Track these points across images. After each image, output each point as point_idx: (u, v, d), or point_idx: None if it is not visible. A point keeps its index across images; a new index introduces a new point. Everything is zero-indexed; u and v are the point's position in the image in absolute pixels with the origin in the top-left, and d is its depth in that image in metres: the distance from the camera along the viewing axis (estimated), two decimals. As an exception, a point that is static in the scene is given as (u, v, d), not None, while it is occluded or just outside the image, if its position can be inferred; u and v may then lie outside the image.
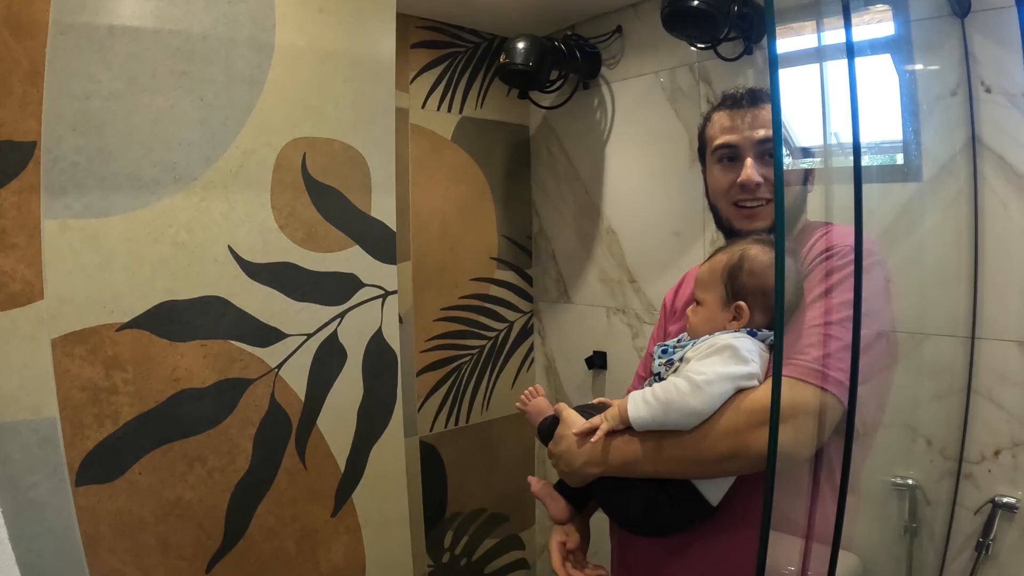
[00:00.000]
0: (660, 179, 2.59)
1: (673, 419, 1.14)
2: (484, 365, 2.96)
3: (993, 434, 1.86)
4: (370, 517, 1.86)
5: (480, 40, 2.89)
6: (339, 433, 1.80)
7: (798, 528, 1.11)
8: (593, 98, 2.80)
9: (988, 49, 1.84)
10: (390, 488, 1.91)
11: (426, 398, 2.74)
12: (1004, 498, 1.82)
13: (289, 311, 1.70)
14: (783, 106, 0.95)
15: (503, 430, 3.01)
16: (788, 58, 2.05)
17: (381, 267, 1.87)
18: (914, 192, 1.93)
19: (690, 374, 1.13)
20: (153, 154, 1.47)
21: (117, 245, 1.44)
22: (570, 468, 1.27)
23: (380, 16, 1.84)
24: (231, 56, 1.57)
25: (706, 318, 1.25)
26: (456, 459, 2.84)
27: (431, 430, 2.76)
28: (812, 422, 1.10)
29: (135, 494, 1.47)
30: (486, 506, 2.96)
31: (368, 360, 1.85)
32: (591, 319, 2.90)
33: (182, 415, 1.54)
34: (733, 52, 2.21)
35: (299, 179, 1.71)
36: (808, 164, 1.54)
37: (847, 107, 1.00)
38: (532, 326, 3.15)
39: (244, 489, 1.63)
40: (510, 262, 3.04)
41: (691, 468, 1.17)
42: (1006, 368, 1.83)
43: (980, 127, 1.85)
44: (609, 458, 1.22)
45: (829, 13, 1.07)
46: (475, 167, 2.89)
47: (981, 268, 1.87)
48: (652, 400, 1.15)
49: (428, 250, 2.72)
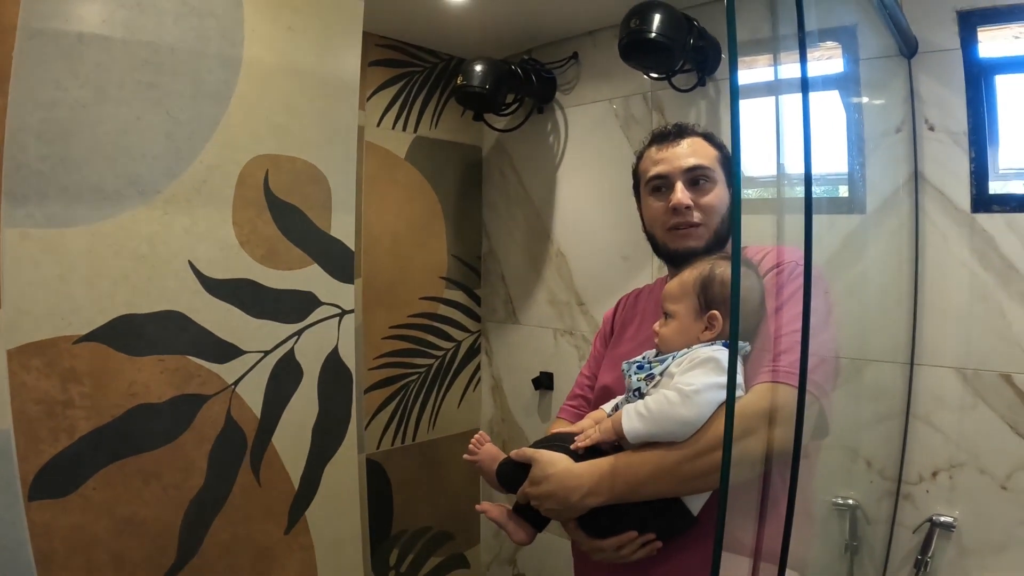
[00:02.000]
0: (610, 204, 2.64)
1: (667, 429, 1.17)
2: (432, 384, 2.96)
3: (931, 456, 1.93)
4: (323, 535, 1.85)
5: (438, 60, 2.92)
6: (294, 450, 1.79)
7: (747, 548, 1.12)
8: (547, 122, 2.84)
9: (933, 89, 1.93)
10: (343, 506, 1.90)
11: (373, 415, 2.74)
12: (942, 517, 1.89)
13: (247, 328, 1.69)
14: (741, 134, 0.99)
15: (450, 449, 3.01)
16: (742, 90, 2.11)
17: (339, 286, 1.87)
18: (858, 223, 2.01)
19: (679, 385, 1.16)
20: (117, 166, 1.45)
21: (78, 257, 1.41)
22: (567, 504, 1.25)
23: (347, 37, 1.85)
24: (199, 70, 1.56)
25: (678, 329, 1.28)
26: (402, 477, 2.84)
27: (378, 447, 2.75)
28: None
29: (89, 510, 1.44)
30: (432, 524, 2.96)
31: (324, 378, 1.84)
32: (538, 340, 2.93)
33: (138, 430, 1.51)
34: (687, 83, 2.27)
35: (261, 196, 1.71)
36: (752, 195, 1.61)
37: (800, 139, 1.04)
38: (480, 346, 3.17)
39: (198, 506, 1.61)
40: (459, 282, 3.07)
41: (695, 484, 1.19)
42: (943, 393, 1.91)
43: (923, 163, 1.94)
44: (613, 486, 1.22)
45: (785, 48, 1.11)
46: (427, 186, 2.91)
47: (921, 297, 1.95)
48: (645, 412, 1.18)
49: (378, 268, 2.73)
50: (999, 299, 1.85)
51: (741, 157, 1.00)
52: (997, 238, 1.85)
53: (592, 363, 1.69)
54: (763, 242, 1.45)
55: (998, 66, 1.90)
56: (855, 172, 2.03)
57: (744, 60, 1.92)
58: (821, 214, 2.04)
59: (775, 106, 1.17)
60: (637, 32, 2.04)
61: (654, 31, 2.01)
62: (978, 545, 1.87)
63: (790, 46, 1.07)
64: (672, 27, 2.03)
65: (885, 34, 1.85)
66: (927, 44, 1.94)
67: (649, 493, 1.21)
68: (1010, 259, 1.83)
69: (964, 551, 1.88)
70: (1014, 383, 1.82)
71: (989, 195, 1.88)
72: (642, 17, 2.03)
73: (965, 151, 1.89)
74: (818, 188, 2.10)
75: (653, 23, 2.02)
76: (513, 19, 2.59)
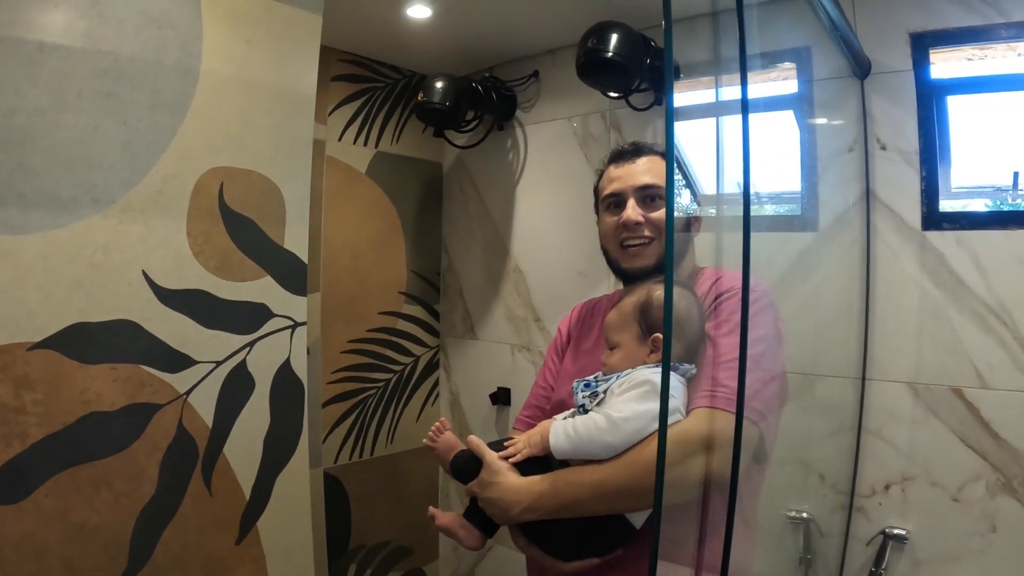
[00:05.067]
0: (568, 221, 2.67)
1: (590, 451, 1.21)
2: (390, 398, 2.97)
3: (883, 469, 1.98)
4: (274, 546, 1.84)
5: (400, 77, 2.95)
6: (245, 461, 1.79)
7: (690, 562, 1.15)
8: (507, 139, 2.88)
9: (885, 109, 1.98)
10: (294, 517, 1.90)
11: (331, 429, 2.74)
12: (894, 529, 1.93)
13: (200, 338, 1.69)
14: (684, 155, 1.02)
15: (408, 463, 3.02)
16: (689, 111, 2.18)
17: (292, 298, 1.87)
18: (811, 241, 2.06)
19: (609, 411, 1.20)
20: (74, 174, 1.46)
21: (33, 263, 1.42)
22: (507, 515, 1.29)
23: (305, 52, 1.87)
24: (157, 81, 1.58)
25: (624, 356, 1.31)
26: (360, 491, 2.84)
27: (336, 462, 2.75)
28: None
29: (41, 517, 1.43)
30: (390, 539, 2.96)
31: (276, 390, 1.85)
32: (496, 356, 2.95)
33: (90, 438, 1.51)
34: (644, 102, 2.32)
35: (216, 208, 1.71)
36: (694, 212, 1.65)
37: (740, 159, 1.08)
38: (438, 361, 3.19)
39: (150, 514, 1.61)
40: (418, 297, 3.08)
41: (630, 503, 1.22)
42: (895, 407, 1.96)
43: (875, 182, 1.99)
44: (551, 505, 1.25)
45: (729, 70, 1.13)
46: (388, 202, 2.93)
47: (872, 313, 2.00)
48: (572, 433, 1.22)
49: (338, 282, 2.74)
50: (949, 315, 1.90)
51: (674, 179, 1.04)
52: (947, 255, 1.91)
53: (546, 373, 1.71)
54: (717, 263, 1.49)
55: (950, 87, 1.96)
56: (808, 191, 2.09)
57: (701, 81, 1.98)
58: (774, 232, 2.10)
59: (716, 127, 1.22)
60: (594, 51, 2.09)
61: (611, 50, 2.06)
62: (931, 556, 1.91)
63: (735, 68, 1.11)
64: (629, 47, 2.08)
65: (838, 55, 1.90)
66: (880, 65, 2.00)
67: (586, 512, 1.24)
68: (960, 275, 1.89)
69: (917, 563, 1.92)
70: (965, 397, 1.87)
71: (940, 213, 1.94)
72: (599, 37, 2.08)
73: (916, 170, 1.95)
74: (772, 207, 2.16)
75: (610, 43, 2.07)
76: (475, 36, 2.63)
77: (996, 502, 1.84)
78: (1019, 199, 1.90)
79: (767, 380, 1.26)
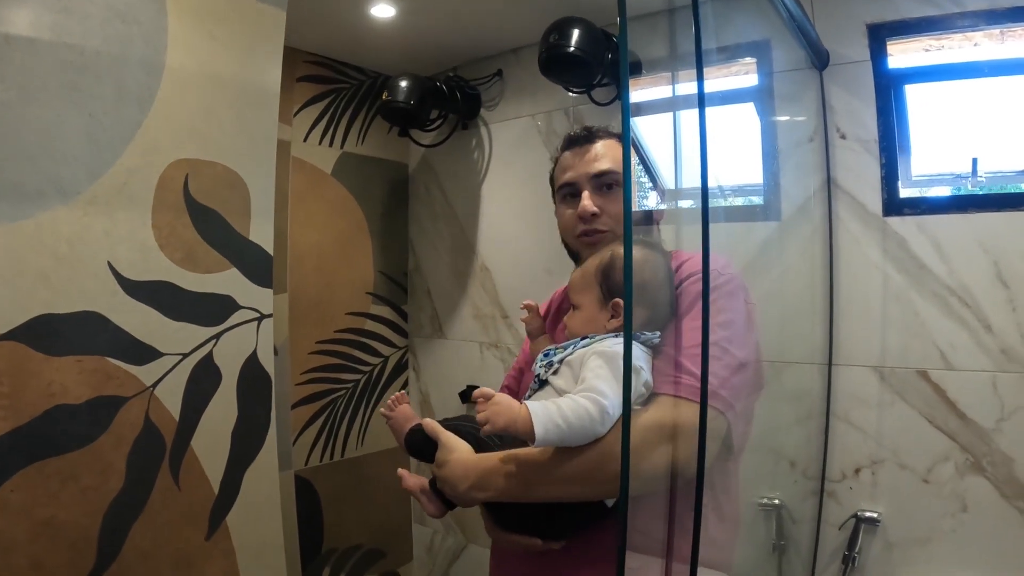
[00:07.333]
0: (533, 218, 2.69)
1: (576, 440, 1.10)
2: (359, 399, 2.97)
3: (852, 453, 2.01)
4: (244, 541, 1.84)
5: (364, 78, 2.96)
6: (213, 455, 1.78)
7: (660, 549, 1.12)
8: (471, 138, 2.90)
9: (844, 99, 2.03)
10: (264, 511, 1.90)
11: (301, 431, 2.73)
12: (866, 512, 1.97)
13: (166, 330, 1.68)
14: (645, 147, 1.04)
15: (379, 464, 3.02)
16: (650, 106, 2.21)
17: (257, 290, 1.87)
18: (774, 230, 2.09)
19: (599, 399, 1.09)
20: (39, 165, 1.46)
21: (-3, 254, 1.42)
22: (455, 492, 1.24)
23: (268, 46, 1.88)
24: (122, 74, 1.58)
25: (585, 319, 1.26)
26: (332, 494, 2.84)
27: (306, 464, 2.75)
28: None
29: (7, 512, 1.42)
30: (363, 541, 2.95)
31: (243, 382, 1.84)
32: (465, 354, 2.97)
33: (56, 431, 1.50)
34: (606, 97, 2.35)
35: (181, 200, 1.72)
36: (655, 206, 1.65)
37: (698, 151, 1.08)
38: (407, 361, 3.19)
39: (117, 509, 1.60)
40: (386, 297, 3.09)
41: (588, 490, 1.14)
42: (862, 391, 2.00)
43: (835, 171, 2.03)
44: (502, 485, 1.19)
45: (686, 65, 1.13)
46: (354, 202, 2.94)
47: (836, 300, 2.04)
48: (564, 426, 1.07)
49: (305, 283, 2.74)
50: (912, 298, 1.94)
51: (631, 173, 1.05)
52: (909, 240, 1.95)
53: (521, 357, 1.68)
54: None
55: (908, 76, 2.01)
56: (769, 181, 2.12)
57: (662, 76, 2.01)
58: (737, 222, 2.14)
59: (673, 121, 1.23)
60: (556, 47, 2.11)
61: (573, 46, 2.09)
62: (903, 538, 1.95)
63: (692, 63, 1.11)
64: (590, 42, 2.11)
65: (797, 48, 1.94)
66: (838, 56, 2.04)
67: (542, 498, 1.18)
68: (922, 260, 1.93)
69: (890, 545, 1.96)
70: (930, 379, 1.91)
71: (900, 199, 1.98)
72: (561, 32, 2.11)
73: (876, 158, 1.99)
74: (734, 198, 2.20)
75: (572, 38, 2.09)
76: (438, 36, 2.66)
77: (965, 482, 1.88)
78: (978, 185, 1.95)
79: (735, 368, 1.19)
